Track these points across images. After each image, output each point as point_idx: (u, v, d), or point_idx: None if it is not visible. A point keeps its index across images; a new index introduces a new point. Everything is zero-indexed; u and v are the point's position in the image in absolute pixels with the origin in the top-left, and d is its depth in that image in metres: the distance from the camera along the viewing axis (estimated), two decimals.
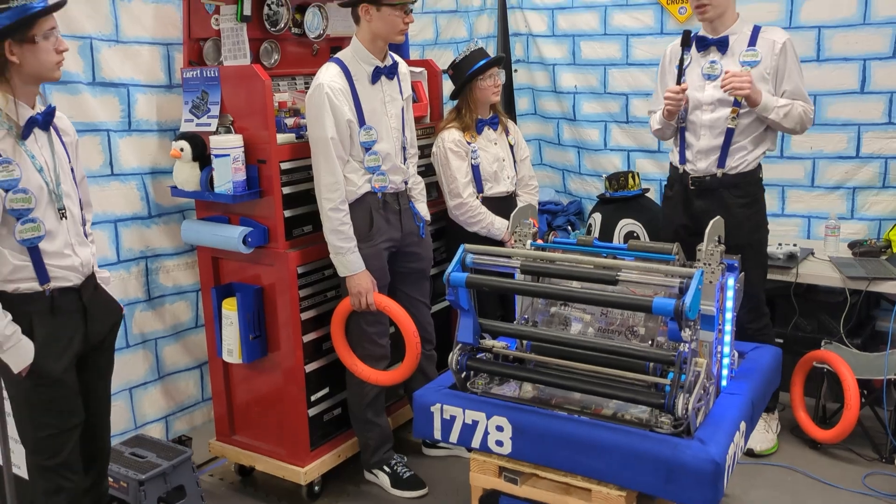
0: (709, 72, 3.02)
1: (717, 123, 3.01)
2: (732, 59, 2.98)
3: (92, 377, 2.36)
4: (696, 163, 3.08)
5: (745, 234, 3.01)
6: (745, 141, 3.00)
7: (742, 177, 3.04)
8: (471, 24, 4.73)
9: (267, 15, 3.20)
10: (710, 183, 3.06)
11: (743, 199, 3.05)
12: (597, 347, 2.30)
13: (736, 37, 2.99)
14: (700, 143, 3.06)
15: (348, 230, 2.79)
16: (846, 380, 3.05)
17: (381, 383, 2.95)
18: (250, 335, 2.96)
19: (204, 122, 2.90)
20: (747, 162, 3.03)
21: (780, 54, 2.93)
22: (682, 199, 3.15)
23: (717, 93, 2.99)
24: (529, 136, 4.95)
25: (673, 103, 3.00)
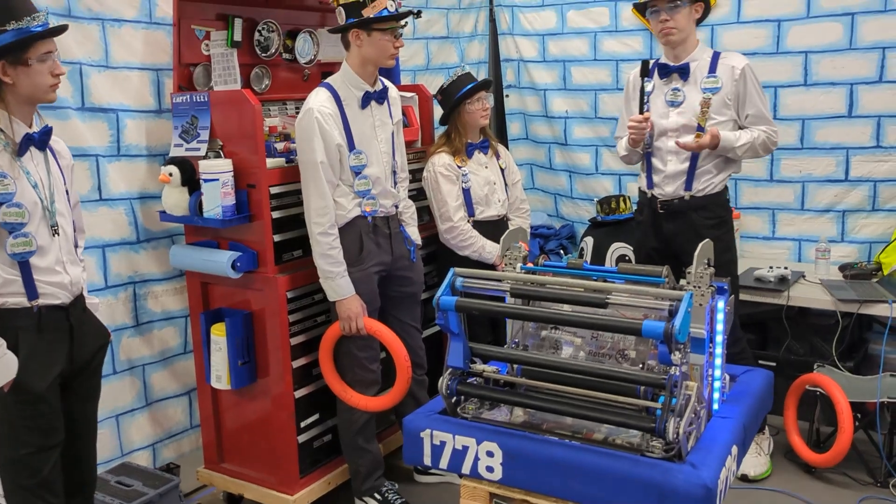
0: (672, 99, 3.07)
1: (682, 149, 3.05)
2: (694, 85, 3.03)
3: (77, 402, 2.33)
4: (663, 187, 3.13)
5: (714, 255, 3.01)
6: (709, 165, 3.06)
7: (709, 199, 3.09)
8: (462, 49, 4.77)
9: (258, 41, 3.23)
10: (678, 206, 3.11)
11: (711, 221, 3.09)
12: (587, 371, 2.28)
13: (697, 63, 3.04)
14: (667, 168, 3.10)
15: (338, 254, 2.78)
16: (839, 403, 3.04)
17: (371, 409, 2.92)
18: (239, 361, 2.93)
19: (193, 146, 2.90)
20: (714, 184, 3.08)
21: (740, 80, 2.99)
22: (651, 222, 3.19)
23: (681, 119, 3.05)
24: (521, 161, 4.97)
25: (636, 132, 3.04)
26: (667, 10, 2.94)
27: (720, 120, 3.02)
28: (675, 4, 2.92)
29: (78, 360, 2.28)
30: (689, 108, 3.04)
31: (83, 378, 2.33)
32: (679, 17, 2.95)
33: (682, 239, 3.09)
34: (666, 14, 2.94)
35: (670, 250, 3.16)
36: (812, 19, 3.79)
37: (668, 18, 2.95)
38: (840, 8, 3.71)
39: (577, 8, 4.52)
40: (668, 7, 2.93)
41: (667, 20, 2.95)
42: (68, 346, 2.24)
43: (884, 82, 3.68)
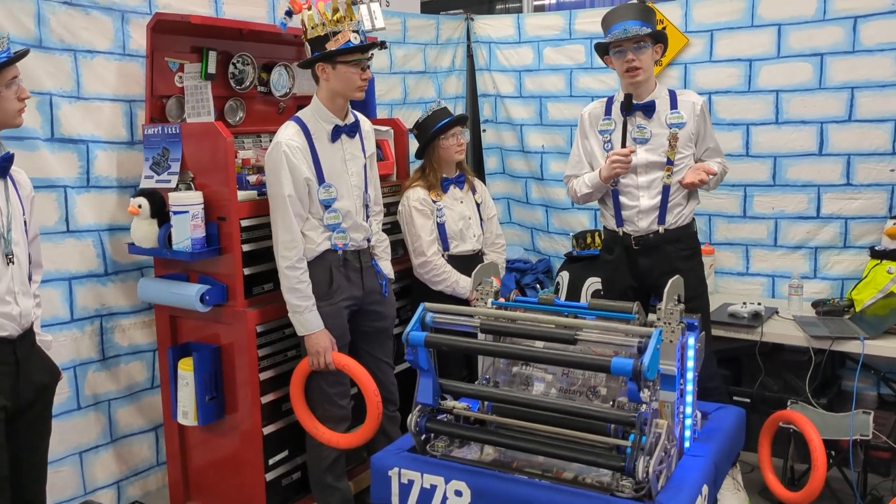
0: (639, 136, 3.11)
1: (653, 184, 3.10)
2: (658, 121, 3.09)
3: (24, 444, 2.25)
4: (636, 223, 3.14)
5: (690, 286, 3.02)
6: (679, 197, 3.12)
7: (681, 230, 3.14)
8: (439, 84, 4.80)
9: (232, 73, 3.23)
10: (653, 240, 3.13)
11: (685, 252, 3.14)
12: (557, 408, 2.26)
13: (659, 101, 3.10)
14: (641, 203, 3.12)
15: (306, 288, 2.75)
16: (812, 441, 3.01)
17: (342, 446, 2.87)
18: (206, 396, 2.88)
19: (164, 178, 2.87)
20: (684, 216, 3.14)
21: (700, 116, 3.09)
22: (625, 260, 3.19)
23: (649, 155, 3.10)
24: (498, 195, 4.98)
25: (622, 166, 3.05)
26: (632, 50, 2.98)
27: (685, 154, 3.09)
28: (640, 45, 2.98)
29: (23, 396, 2.21)
30: (657, 145, 3.08)
31: (30, 417, 2.26)
32: (644, 58, 3.00)
33: (657, 273, 3.09)
34: (632, 54, 2.99)
35: (644, 286, 3.17)
36: (782, 59, 3.85)
37: (633, 58, 2.99)
38: (809, 49, 3.78)
39: (554, 45, 4.57)
40: (634, 48, 2.98)
41: (632, 60, 2.99)
42: (12, 381, 2.17)
43: (853, 121, 3.73)
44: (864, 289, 3.62)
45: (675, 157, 3.07)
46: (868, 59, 3.65)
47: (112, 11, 3.01)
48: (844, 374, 3.78)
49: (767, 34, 3.88)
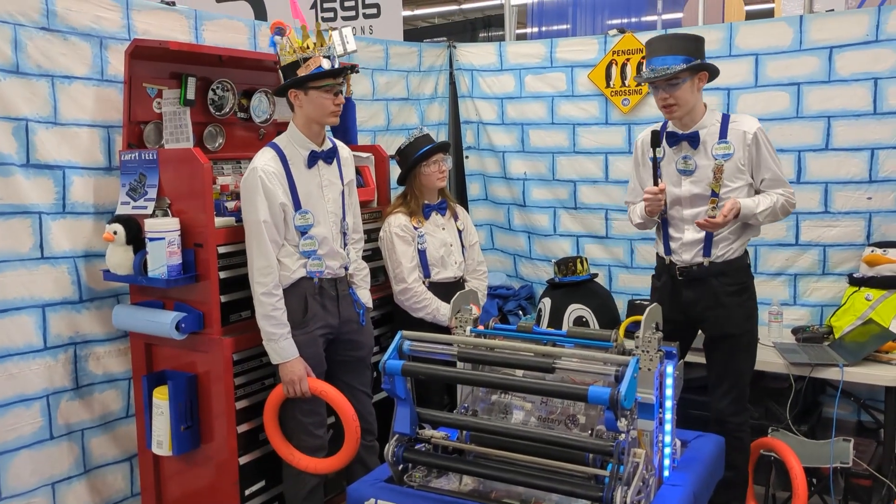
0: (683, 167, 2.97)
1: (698, 216, 2.95)
2: (705, 152, 2.94)
3: None
4: (681, 254, 3.02)
5: (736, 323, 2.96)
6: (726, 232, 2.96)
7: (729, 264, 2.97)
8: (422, 111, 4.82)
9: (212, 99, 3.22)
10: (697, 272, 2.99)
11: (732, 287, 2.98)
12: (535, 438, 2.24)
13: (706, 130, 2.94)
14: (685, 236, 3.00)
15: (281, 315, 2.73)
16: (793, 468, 3.01)
17: (320, 472, 2.83)
18: (182, 426, 2.83)
19: (140, 204, 2.85)
20: (733, 250, 2.98)
21: (752, 144, 2.90)
22: (670, 289, 3.07)
23: (694, 188, 2.96)
24: (481, 222, 4.98)
25: (653, 204, 2.95)
26: (665, 88, 2.85)
27: (734, 186, 2.92)
28: (674, 83, 2.84)
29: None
30: (702, 177, 2.94)
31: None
32: (680, 94, 2.85)
33: (701, 306, 2.99)
34: (664, 92, 2.86)
35: (689, 318, 3.05)
36: (760, 88, 3.90)
37: (667, 96, 2.86)
38: (786, 78, 3.83)
39: (535, 73, 4.61)
40: (667, 86, 2.85)
41: (666, 98, 2.87)
42: None
43: (830, 149, 3.78)
44: (843, 315, 3.63)
45: (721, 190, 2.91)
46: (843, 88, 3.70)
47: (90, 37, 3.00)
48: (825, 400, 3.79)
49: (745, 64, 3.93)
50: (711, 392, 3.08)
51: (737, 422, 3.03)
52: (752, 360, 3.10)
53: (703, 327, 3.07)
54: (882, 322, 3.45)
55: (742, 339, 2.99)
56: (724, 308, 2.96)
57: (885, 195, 3.67)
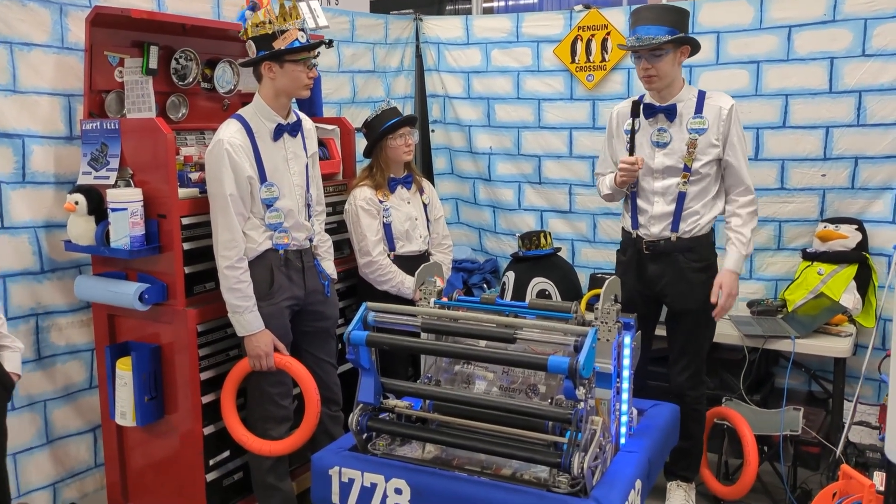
0: (657, 139, 3.00)
1: (668, 190, 2.99)
2: (680, 126, 2.98)
3: None
4: (649, 227, 3.05)
5: (698, 299, 3.01)
6: (697, 206, 3.00)
7: (695, 240, 3.02)
8: (388, 84, 4.80)
9: (175, 69, 3.19)
10: (664, 247, 3.03)
11: (697, 264, 3.02)
12: (497, 406, 2.30)
13: (683, 104, 2.97)
14: (654, 209, 3.03)
15: (246, 288, 2.73)
16: (745, 436, 3.12)
17: (276, 454, 2.85)
18: (145, 396, 2.84)
19: (102, 175, 2.82)
20: (700, 226, 3.01)
21: (727, 120, 2.94)
22: (635, 263, 3.11)
23: (667, 160, 2.99)
24: (447, 195, 5.01)
25: (627, 174, 2.97)
26: (648, 57, 2.87)
27: (705, 160, 2.96)
28: (658, 54, 2.86)
29: None
30: (675, 150, 2.98)
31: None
32: (661, 65, 2.87)
33: (665, 281, 3.03)
34: (647, 61, 2.88)
35: (653, 293, 3.09)
36: (720, 66, 3.97)
37: (649, 66, 2.88)
38: (746, 56, 3.90)
39: (501, 47, 4.61)
40: (650, 55, 2.86)
41: (648, 67, 2.88)
42: None
43: (787, 127, 3.86)
44: (796, 290, 3.75)
45: (693, 164, 2.95)
46: (801, 67, 3.78)
47: (50, 4, 2.94)
48: (777, 371, 3.91)
49: (707, 41, 3.97)
50: (671, 366, 3.16)
51: (695, 395, 3.13)
52: (711, 335, 3.18)
53: (666, 302, 3.12)
54: (833, 296, 3.57)
55: (703, 316, 3.05)
56: (687, 283, 3.02)
57: (839, 172, 3.78)
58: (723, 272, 2.99)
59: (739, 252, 2.98)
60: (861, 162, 3.73)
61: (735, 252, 2.99)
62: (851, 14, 3.64)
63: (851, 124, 3.71)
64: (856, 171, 3.75)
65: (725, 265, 2.99)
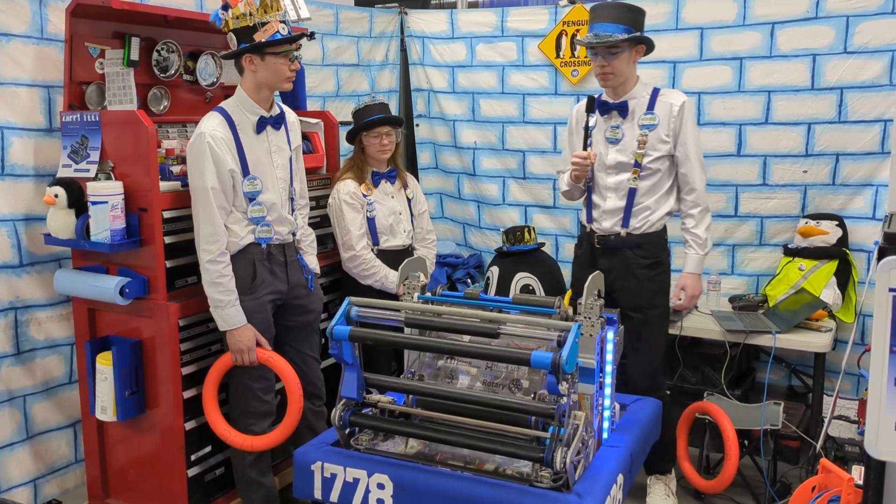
0: (611, 136, 3.05)
1: (620, 185, 3.05)
2: (632, 122, 3.02)
3: None
4: (601, 222, 3.10)
5: (646, 297, 3.03)
6: (648, 201, 3.03)
7: (646, 237, 3.06)
8: (373, 78, 4.79)
9: (156, 61, 3.16)
10: (614, 242, 3.08)
11: (646, 260, 3.06)
12: (480, 401, 2.29)
13: (636, 101, 3.02)
14: (606, 204, 3.08)
15: (228, 282, 2.71)
16: (726, 430, 3.14)
17: (258, 449, 2.84)
18: (126, 391, 2.82)
19: (83, 167, 2.79)
20: (651, 222, 3.05)
21: (678, 116, 2.98)
22: (589, 257, 3.16)
23: (619, 156, 3.04)
24: (431, 190, 5.00)
25: (580, 168, 3.03)
26: (604, 55, 2.91)
27: (655, 156, 3.00)
28: (614, 52, 2.90)
29: None
30: (627, 146, 3.02)
31: None
32: (617, 63, 2.92)
33: (615, 276, 3.05)
34: (603, 59, 2.92)
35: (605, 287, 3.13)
36: (704, 62, 3.99)
37: (605, 64, 2.93)
38: (730, 53, 3.92)
39: (486, 42, 4.61)
40: (607, 53, 2.91)
41: (604, 65, 2.93)
42: None
43: (769, 124, 3.89)
44: (777, 285, 3.78)
45: (644, 161, 3.00)
46: (784, 63, 3.81)
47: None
48: (758, 366, 3.94)
49: (691, 37, 4.00)
50: (627, 365, 3.12)
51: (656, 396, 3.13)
52: (664, 335, 3.18)
53: (614, 297, 3.10)
54: (813, 291, 3.60)
55: (652, 314, 3.06)
56: (635, 280, 3.03)
57: (820, 169, 3.81)
58: (683, 275, 3.06)
59: (697, 254, 3.05)
60: (842, 158, 3.76)
61: (693, 254, 3.06)
62: (834, 11, 3.67)
63: (833, 121, 3.74)
64: (837, 168, 3.78)
65: (685, 268, 3.06)
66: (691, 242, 3.06)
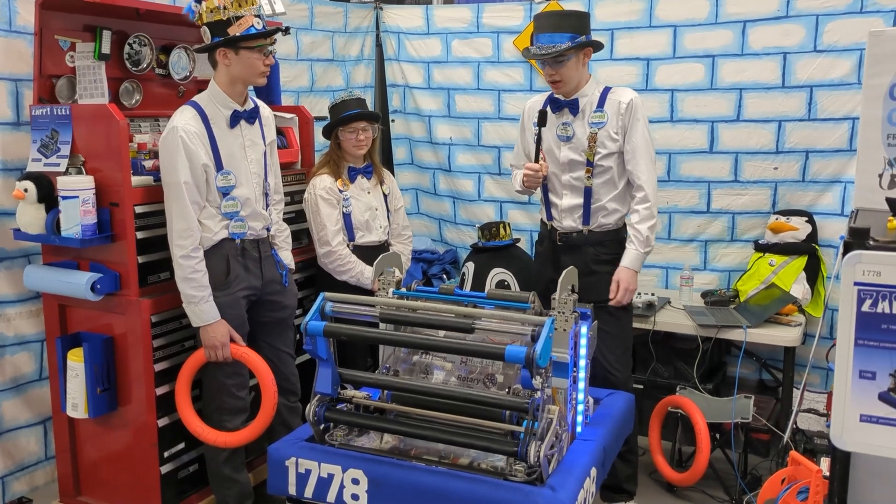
0: (562, 133, 3.08)
1: (575, 183, 3.08)
2: (583, 120, 3.06)
3: None
4: (561, 220, 3.13)
5: (602, 292, 3.05)
6: (604, 200, 3.06)
7: (607, 234, 3.10)
8: (348, 73, 4.77)
9: (128, 54, 3.12)
10: (576, 239, 3.11)
11: (606, 256, 3.09)
12: (455, 396, 2.30)
13: (586, 99, 3.05)
14: (563, 202, 3.11)
15: (202, 278, 2.70)
16: (697, 424, 3.19)
17: (232, 445, 2.82)
18: (98, 388, 2.79)
19: (53, 162, 2.76)
20: (611, 220, 3.09)
21: (626, 112, 3.00)
22: (550, 254, 3.18)
23: (571, 153, 3.07)
24: (407, 186, 5.00)
25: (531, 180, 3.06)
26: (552, 64, 2.95)
27: (604, 153, 3.03)
28: (560, 60, 2.94)
29: None
30: (578, 144, 3.05)
31: None
32: (565, 70, 2.95)
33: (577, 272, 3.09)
34: (551, 68, 2.96)
35: None
36: (677, 60, 4.02)
37: (553, 72, 2.96)
38: (702, 50, 3.96)
39: (462, 38, 4.61)
40: (554, 62, 2.94)
41: (553, 74, 2.97)
42: None
43: (741, 121, 3.94)
44: (749, 280, 3.83)
45: (595, 159, 3.03)
46: (755, 61, 3.85)
47: None
48: (729, 360, 3.99)
49: (664, 35, 4.04)
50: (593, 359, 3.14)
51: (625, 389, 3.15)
52: (626, 331, 3.18)
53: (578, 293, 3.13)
54: (783, 286, 3.66)
55: (611, 309, 3.07)
56: (595, 275, 3.06)
57: (790, 165, 3.86)
58: (619, 269, 3.05)
59: (637, 250, 3.04)
60: (811, 155, 3.82)
61: (633, 250, 3.04)
62: (804, 10, 3.72)
63: (803, 118, 3.80)
64: (806, 165, 3.84)
65: (622, 262, 3.05)
66: (632, 238, 3.06)
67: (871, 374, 1.58)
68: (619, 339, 3.11)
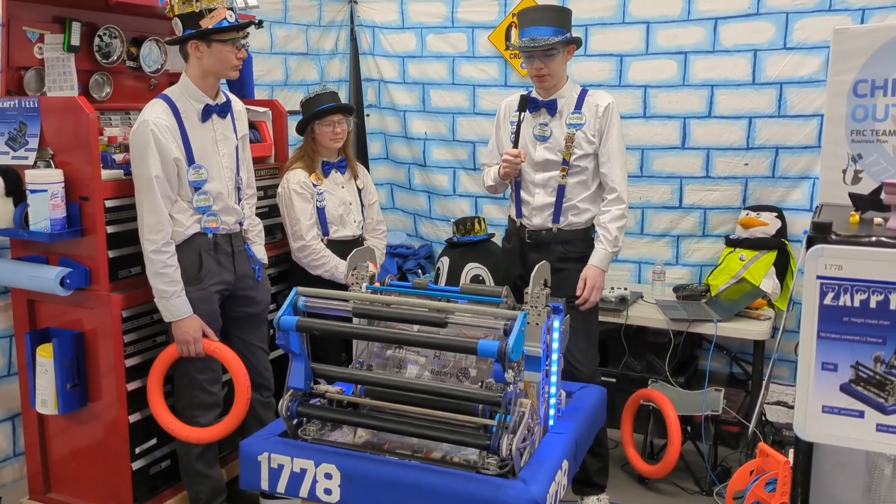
0: (539, 133, 3.10)
1: (548, 182, 3.10)
2: (560, 121, 3.07)
3: None
4: (531, 218, 3.15)
5: (570, 288, 3.07)
6: (576, 200, 3.09)
7: (576, 233, 3.13)
8: (322, 67, 4.75)
9: (98, 46, 3.08)
10: (545, 237, 3.13)
11: (574, 254, 3.12)
12: (427, 390, 2.31)
13: (564, 100, 3.07)
14: (535, 200, 3.13)
15: (173, 273, 2.67)
16: (669, 417, 3.22)
17: (203, 441, 2.81)
18: (68, 384, 2.76)
19: (21, 155, 2.72)
20: (581, 219, 3.12)
21: (603, 115, 3.03)
22: (518, 251, 3.21)
23: (547, 153, 3.08)
24: (382, 181, 4.99)
25: (510, 166, 3.06)
26: (541, 58, 2.96)
27: (580, 154, 3.05)
28: (550, 54, 2.95)
29: None
30: (555, 144, 3.07)
31: None
32: (553, 64, 2.98)
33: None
34: (540, 62, 2.97)
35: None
36: (651, 56, 4.06)
37: (542, 66, 2.97)
38: (675, 47, 4.00)
39: (437, 32, 4.61)
40: (543, 56, 2.95)
41: (541, 68, 2.97)
42: None
43: (712, 117, 3.98)
44: (719, 275, 3.88)
45: (571, 159, 3.05)
46: (726, 58, 3.90)
47: None
48: (701, 354, 4.05)
49: (637, 31, 4.07)
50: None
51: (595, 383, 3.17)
52: (592, 326, 3.20)
53: None
54: (753, 280, 3.71)
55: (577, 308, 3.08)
56: (563, 272, 3.08)
57: (760, 161, 3.92)
58: (588, 267, 3.07)
59: (606, 249, 3.07)
60: (781, 152, 3.87)
61: (601, 249, 3.07)
62: (774, 8, 3.77)
63: (773, 115, 3.85)
64: (776, 161, 3.89)
65: (591, 260, 3.08)
66: (601, 237, 3.08)
67: (833, 365, 1.61)
68: (584, 333, 3.13)
